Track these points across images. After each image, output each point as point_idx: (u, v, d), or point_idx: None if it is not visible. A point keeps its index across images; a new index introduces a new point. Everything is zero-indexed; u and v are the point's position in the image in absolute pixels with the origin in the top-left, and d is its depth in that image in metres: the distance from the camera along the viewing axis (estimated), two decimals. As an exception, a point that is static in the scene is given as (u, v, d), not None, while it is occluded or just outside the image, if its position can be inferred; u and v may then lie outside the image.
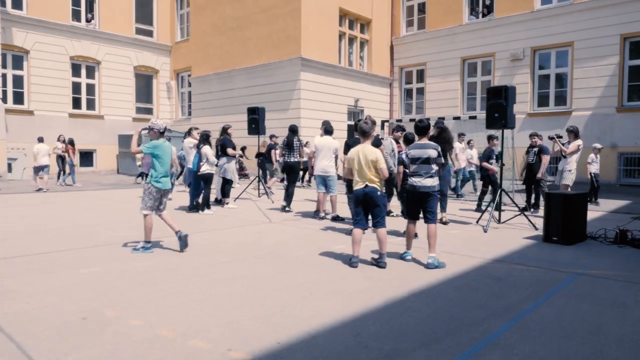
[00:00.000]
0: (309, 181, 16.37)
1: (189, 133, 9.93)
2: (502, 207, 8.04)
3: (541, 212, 8.32)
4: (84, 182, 16.06)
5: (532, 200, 9.52)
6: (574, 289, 4.18)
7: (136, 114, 24.19)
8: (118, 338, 2.97)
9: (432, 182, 5.17)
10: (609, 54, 16.63)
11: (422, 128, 5.49)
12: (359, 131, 5.10)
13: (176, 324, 3.22)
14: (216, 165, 9.16)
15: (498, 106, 7.28)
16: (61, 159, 15.12)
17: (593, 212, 8.57)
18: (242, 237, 6.53)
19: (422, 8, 22.16)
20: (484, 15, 20.10)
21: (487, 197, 9.23)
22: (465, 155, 12.47)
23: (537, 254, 5.65)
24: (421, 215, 5.26)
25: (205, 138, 8.78)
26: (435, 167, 5.19)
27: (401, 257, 5.26)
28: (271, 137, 14.12)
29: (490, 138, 9.78)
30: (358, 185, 4.96)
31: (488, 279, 4.49)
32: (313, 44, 18.96)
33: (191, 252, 5.52)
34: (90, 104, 22.59)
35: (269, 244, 6.04)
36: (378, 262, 4.90)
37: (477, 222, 7.93)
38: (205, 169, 8.62)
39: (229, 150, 9.59)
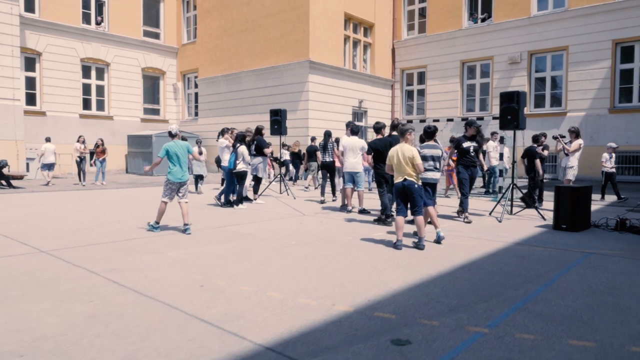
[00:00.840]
0: (293, 179, 17.58)
1: (222, 134, 10.62)
2: (508, 200, 8.89)
3: (543, 205, 9.19)
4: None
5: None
6: (588, 263, 5.02)
7: (144, 114, 24.82)
8: (237, 299, 3.73)
9: (437, 175, 6.65)
10: (602, 58, 17.63)
11: (430, 132, 6.48)
12: (398, 132, 5.89)
13: (280, 289, 3.99)
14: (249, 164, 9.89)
15: (511, 110, 8.14)
16: (80, 159, 15.21)
17: (593, 205, 9.47)
18: (289, 227, 7.31)
19: (422, 12, 23.03)
20: (482, 20, 21.01)
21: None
22: (496, 153, 12.82)
23: (550, 238, 6.50)
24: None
25: (241, 138, 9.50)
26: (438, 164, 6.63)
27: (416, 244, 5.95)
28: (312, 139, 14.94)
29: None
30: (398, 179, 5.77)
31: (515, 257, 5.32)
32: (320, 47, 19.74)
33: (257, 239, 6.29)
34: (100, 105, 23.17)
35: (315, 232, 6.83)
36: (417, 245, 5.71)
37: (490, 214, 8.78)
38: (240, 167, 9.36)
39: (265, 150, 10.34)
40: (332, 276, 4.39)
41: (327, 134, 10.79)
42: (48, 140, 16.05)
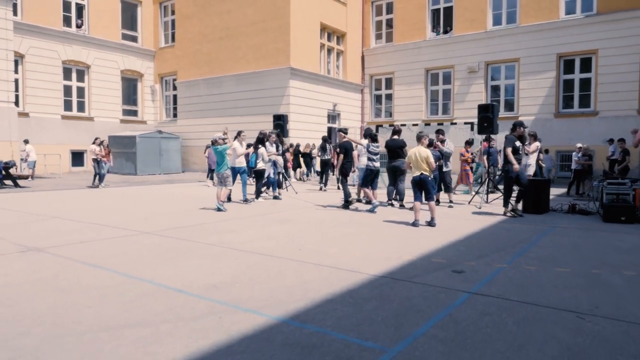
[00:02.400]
0: (307, 175, 19.22)
1: (238, 135, 11.91)
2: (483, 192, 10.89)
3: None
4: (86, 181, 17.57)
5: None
6: (555, 232, 6.98)
7: (123, 115, 25.51)
8: (333, 256, 5.34)
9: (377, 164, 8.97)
10: (548, 69, 20.27)
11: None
12: (416, 138, 7.66)
13: (358, 250, 5.63)
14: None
15: (486, 118, 10.13)
16: (96, 162, 15.09)
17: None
18: (318, 214, 8.91)
19: (389, 23, 25.11)
20: (444, 33, 23.30)
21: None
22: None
23: (522, 219, 8.48)
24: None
25: (261, 140, 10.96)
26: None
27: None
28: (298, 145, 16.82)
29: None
30: (415, 173, 7.54)
31: (503, 230, 7.22)
32: (299, 55, 21.34)
33: (302, 222, 7.85)
34: (81, 106, 23.71)
35: (343, 218, 8.48)
36: (430, 223, 7.50)
37: (469, 203, 10.74)
38: (260, 166, 10.84)
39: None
40: (383, 243, 6.09)
41: (324, 139, 12.71)
42: (27, 142, 18.50)
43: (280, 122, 13.58)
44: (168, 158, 24.13)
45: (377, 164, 9.43)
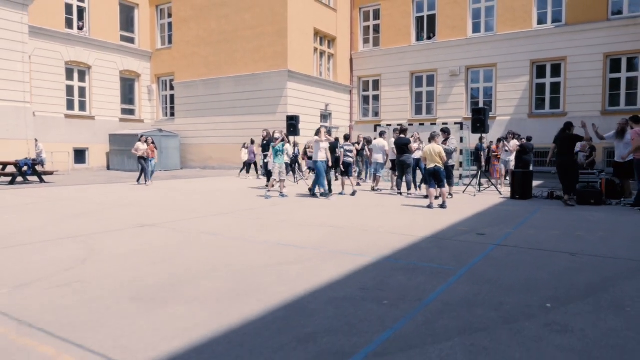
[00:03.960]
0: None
1: (318, 133, 12.78)
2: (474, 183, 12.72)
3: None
4: (97, 177, 18.73)
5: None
6: (541, 212, 8.80)
7: (121, 114, 26.46)
8: (382, 227, 6.96)
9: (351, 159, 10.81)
10: (522, 74, 22.41)
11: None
12: (429, 136, 9.35)
13: (398, 224, 7.28)
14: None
15: (479, 120, 11.94)
16: (143, 159, 14.88)
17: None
18: (343, 200, 10.52)
19: (376, 29, 26.87)
20: (428, 39, 25.22)
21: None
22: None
23: (513, 203, 10.31)
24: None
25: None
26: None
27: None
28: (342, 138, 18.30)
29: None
30: (430, 165, 9.24)
31: (501, 211, 9.00)
32: (296, 58, 22.86)
33: (340, 207, 9.44)
34: (82, 106, 24.59)
35: (366, 202, 10.12)
36: (442, 206, 9.21)
37: (464, 192, 12.53)
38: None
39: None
40: (413, 219, 7.76)
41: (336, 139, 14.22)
42: (36, 140, 19.27)
43: (293, 122, 15.12)
44: (168, 155, 25.24)
45: (350, 159, 11.73)
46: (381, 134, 12.35)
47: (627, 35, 20.19)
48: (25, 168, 15.27)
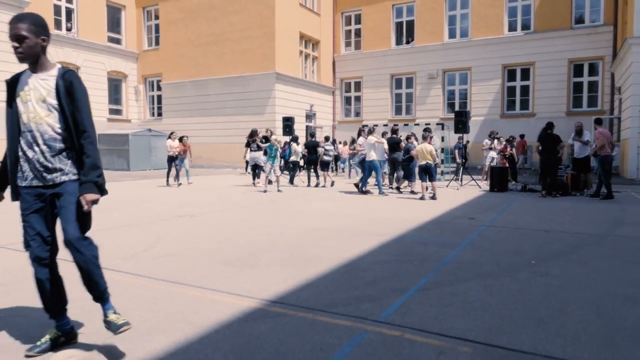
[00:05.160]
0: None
1: (370, 132, 13.59)
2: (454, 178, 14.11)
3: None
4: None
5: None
6: (518, 201, 10.20)
7: (109, 114, 26.97)
8: (389, 216, 8.17)
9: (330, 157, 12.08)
10: (494, 77, 24.09)
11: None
12: (422, 137, 10.62)
13: (402, 212, 8.51)
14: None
15: (461, 121, 13.31)
16: (174, 158, 13.98)
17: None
18: (346, 195, 11.70)
19: (358, 33, 28.16)
20: (407, 43, 26.66)
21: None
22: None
23: (492, 195, 11.72)
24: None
25: (294, 139, 13.59)
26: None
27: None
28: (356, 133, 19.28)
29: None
30: (421, 162, 10.51)
31: (483, 201, 10.35)
32: (283, 61, 23.92)
33: (337, 200, 10.61)
34: (71, 106, 24.97)
35: (367, 197, 11.32)
36: (433, 197, 10.50)
37: (447, 186, 13.90)
38: (292, 158, 13.51)
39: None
40: (412, 209, 9.02)
41: (326, 138, 15.35)
42: None
43: (289, 123, 16.21)
44: (157, 154, 25.87)
45: (328, 158, 13.61)
46: (370, 131, 13.50)
47: (588, 42, 22.07)
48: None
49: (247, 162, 19.22)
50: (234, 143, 24.71)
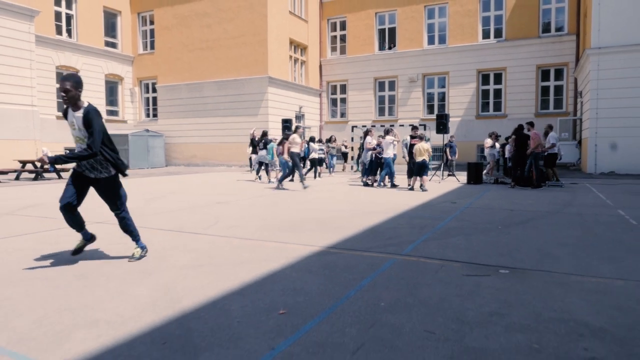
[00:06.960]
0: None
1: (387, 132, 15.18)
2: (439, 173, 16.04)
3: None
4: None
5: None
6: (492, 191, 12.15)
7: (106, 115, 28.15)
8: (387, 202, 9.97)
9: (322, 155, 14.00)
10: (470, 81, 26.23)
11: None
12: (417, 137, 12.47)
13: (396, 200, 10.32)
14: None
15: (442, 123, 15.24)
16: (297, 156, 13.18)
17: (478, 174, 17.10)
18: (343, 189, 13.46)
19: (343, 38, 30.00)
20: (389, 49, 28.61)
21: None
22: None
23: (469, 186, 13.66)
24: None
25: (312, 140, 15.28)
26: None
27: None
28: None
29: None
30: (419, 159, 12.35)
31: (462, 190, 12.26)
32: (275, 65, 25.58)
33: (337, 192, 12.36)
34: (71, 107, 26.12)
35: (365, 189, 13.12)
36: (422, 189, 12.35)
37: (430, 180, 15.80)
38: (312, 155, 15.22)
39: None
40: (405, 197, 10.84)
41: (311, 139, 17.21)
42: None
43: (287, 124, 17.90)
44: (154, 154, 27.28)
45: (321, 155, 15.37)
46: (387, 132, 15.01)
47: (554, 50, 24.38)
48: (47, 165, 17.12)
49: (250, 160, 20.80)
50: (228, 143, 26.33)
